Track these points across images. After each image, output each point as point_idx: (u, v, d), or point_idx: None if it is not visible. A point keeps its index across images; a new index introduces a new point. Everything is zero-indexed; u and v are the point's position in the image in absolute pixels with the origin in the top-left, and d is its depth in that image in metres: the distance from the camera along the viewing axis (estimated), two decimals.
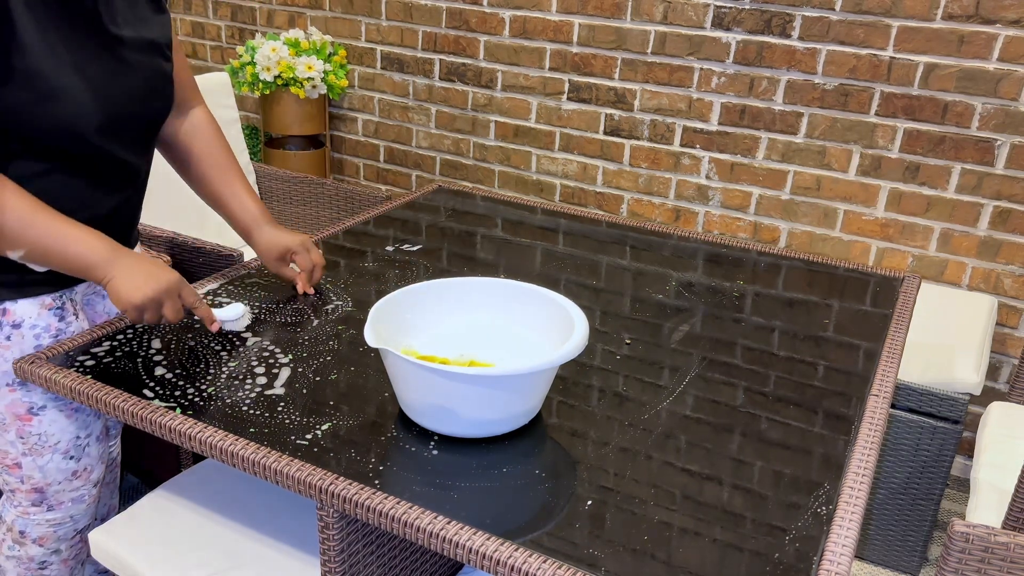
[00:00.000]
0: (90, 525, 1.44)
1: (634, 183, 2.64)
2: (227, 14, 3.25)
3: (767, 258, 1.71)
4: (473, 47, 2.77)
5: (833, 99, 2.30)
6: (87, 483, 1.37)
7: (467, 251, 1.68)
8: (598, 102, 2.62)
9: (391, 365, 1.07)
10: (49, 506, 1.35)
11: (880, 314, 1.49)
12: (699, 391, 1.22)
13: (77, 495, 1.37)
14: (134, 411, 1.10)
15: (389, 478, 1.00)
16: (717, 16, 2.37)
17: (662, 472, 1.04)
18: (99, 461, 1.38)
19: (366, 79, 3.02)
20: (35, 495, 1.33)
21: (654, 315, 1.45)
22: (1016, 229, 2.19)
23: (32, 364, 1.19)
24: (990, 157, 2.16)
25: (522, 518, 0.95)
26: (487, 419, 1.06)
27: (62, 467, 1.32)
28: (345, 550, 1.03)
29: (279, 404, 1.14)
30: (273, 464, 1.01)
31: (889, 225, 2.33)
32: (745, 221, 2.51)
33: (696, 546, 0.93)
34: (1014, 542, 1.14)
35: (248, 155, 2.54)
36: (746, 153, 2.45)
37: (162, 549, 1.25)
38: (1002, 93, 2.10)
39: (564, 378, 1.24)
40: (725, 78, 2.41)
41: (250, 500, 1.36)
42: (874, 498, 1.99)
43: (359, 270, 1.56)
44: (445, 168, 2.97)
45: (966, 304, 2.16)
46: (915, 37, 2.16)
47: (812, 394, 1.23)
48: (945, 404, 1.87)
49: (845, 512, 0.97)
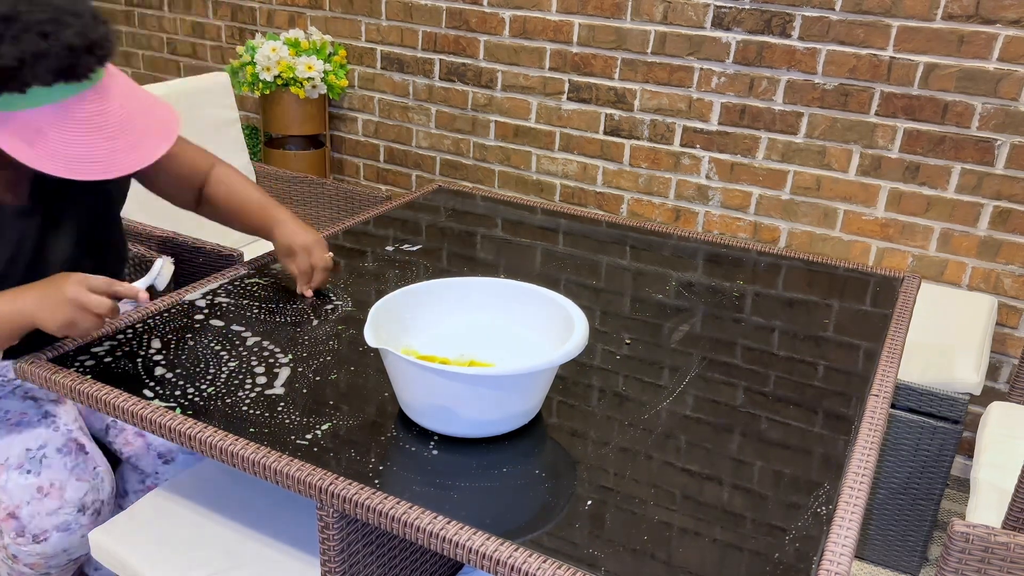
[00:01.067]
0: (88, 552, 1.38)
1: (634, 183, 2.64)
2: (227, 14, 3.25)
3: (767, 258, 1.71)
4: (473, 47, 2.77)
5: (833, 99, 2.30)
6: (64, 505, 1.31)
7: (467, 251, 1.68)
8: (598, 102, 2.62)
9: (391, 365, 1.07)
10: (34, 536, 1.29)
11: (880, 314, 1.49)
12: (699, 391, 1.22)
13: (61, 522, 1.30)
14: (134, 411, 1.10)
15: (389, 478, 1.00)
16: (717, 16, 2.37)
17: (662, 472, 1.04)
18: (72, 478, 1.32)
19: (366, 79, 3.02)
20: (13, 522, 1.29)
21: (654, 315, 1.45)
22: (1016, 229, 2.19)
23: (32, 364, 1.19)
24: (990, 157, 2.16)
25: (522, 518, 0.95)
26: (487, 419, 1.06)
27: (21, 483, 1.29)
28: (345, 550, 1.03)
29: (279, 404, 1.14)
30: (273, 464, 1.01)
31: (889, 225, 2.33)
32: (745, 221, 2.51)
33: (696, 546, 0.93)
34: (1014, 542, 1.14)
35: (248, 155, 2.54)
36: (746, 153, 2.45)
37: (162, 549, 1.25)
38: (1002, 93, 2.10)
39: (564, 378, 1.24)
40: (725, 78, 2.41)
41: (250, 500, 1.36)
42: (874, 498, 1.99)
43: (359, 270, 1.56)
44: (445, 168, 2.97)
45: (966, 304, 2.16)
46: (915, 37, 2.16)
47: (812, 394, 1.23)
48: (945, 404, 1.87)
49: (845, 512, 0.97)
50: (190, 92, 2.33)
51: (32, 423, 1.35)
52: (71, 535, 1.32)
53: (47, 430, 1.34)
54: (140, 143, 1.15)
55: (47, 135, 1.09)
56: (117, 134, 1.13)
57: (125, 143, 1.13)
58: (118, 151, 1.13)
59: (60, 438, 1.34)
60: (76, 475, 1.33)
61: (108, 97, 1.14)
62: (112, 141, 1.12)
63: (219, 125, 2.43)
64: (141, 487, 1.53)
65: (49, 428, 1.34)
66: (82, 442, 1.37)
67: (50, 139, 1.09)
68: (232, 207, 1.51)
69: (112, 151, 1.12)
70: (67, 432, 1.36)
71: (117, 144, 1.13)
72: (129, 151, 1.13)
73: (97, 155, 1.11)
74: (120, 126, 1.14)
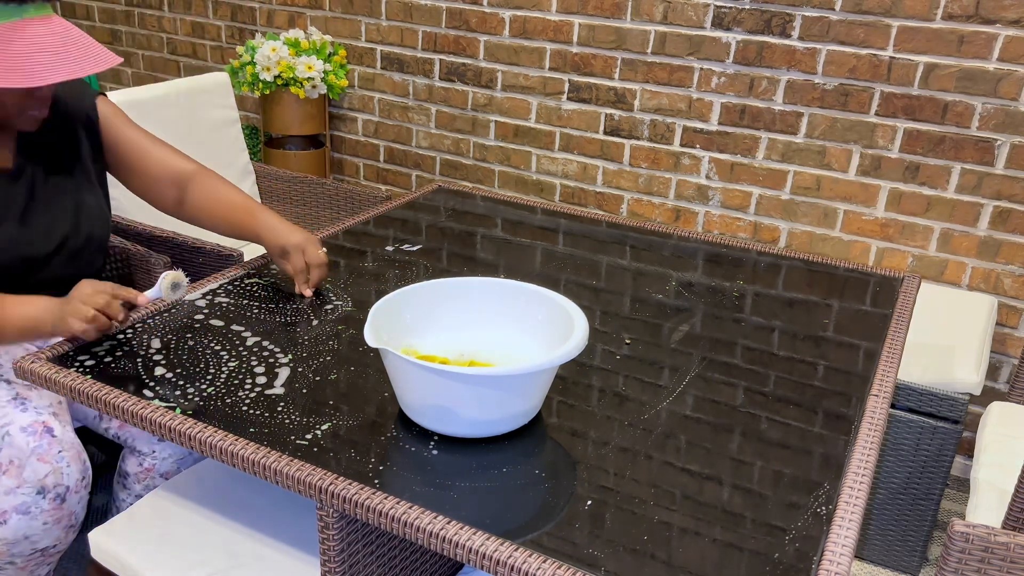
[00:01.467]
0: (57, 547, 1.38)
1: (634, 183, 2.64)
2: (227, 14, 3.25)
3: (767, 258, 1.71)
4: (473, 47, 2.77)
5: (833, 99, 2.30)
6: (22, 484, 1.30)
7: (467, 251, 1.68)
8: (598, 102, 2.62)
9: (391, 365, 1.07)
10: None
11: (880, 314, 1.49)
12: (699, 391, 1.22)
13: (19, 503, 1.30)
14: (134, 411, 1.10)
15: (389, 478, 1.00)
16: (717, 16, 2.37)
17: (662, 472, 1.04)
18: (33, 457, 1.31)
19: (366, 79, 3.02)
20: None
21: (654, 315, 1.45)
22: (1016, 229, 2.19)
23: (32, 364, 1.19)
24: (990, 157, 2.16)
25: (522, 518, 0.95)
26: (487, 419, 1.06)
27: None
28: (345, 550, 1.03)
29: (279, 404, 1.14)
30: (273, 464, 1.01)
31: (889, 225, 2.33)
32: (745, 221, 2.51)
33: (696, 546, 0.93)
34: (1014, 542, 1.14)
35: (248, 155, 2.54)
36: (746, 153, 2.45)
37: (162, 549, 1.25)
38: (1002, 93, 2.10)
39: (564, 378, 1.24)
40: (725, 78, 2.41)
41: (250, 500, 1.36)
42: (874, 498, 1.99)
43: (359, 270, 1.56)
44: (445, 168, 2.97)
45: (966, 304, 2.16)
46: (915, 37, 2.16)
47: (812, 394, 1.23)
48: (945, 404, 1.87)
49: (845, 512, 0.97)
50: (190, 92, 2.33)
51: (1, 403, 1.36)
52: (31, 519, 1.31)
53: (15, 410, 1.34)
54: (80, 61, 1.27)
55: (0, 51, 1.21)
56: (59, 49, 1.25)
57: (65, 58, 1.26)
58: (59, 64, 1.25)
59: (27, 418, 1.33)
60: (37, 455, 1.31)
61: (51, 19, 1.28)
62: (53, 55, 1.25)
63: (219, 125, 2.43)
64: (140, 469, 1.54)
65: (17, 409, 1.34)
66: (51, 425, 1.35)
67: (2, 55, 1.21)
68: (217, 210, 1.54)
69: (53, 64, 1.24)
70: (36, 414, 1.35)
71: (57, 58, 1.25)
72: (70, 64, 1.26)
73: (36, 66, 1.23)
74: (66, 42, 1.27)
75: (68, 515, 1.35)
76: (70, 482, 1.34)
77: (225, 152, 2.45)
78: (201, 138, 2.37)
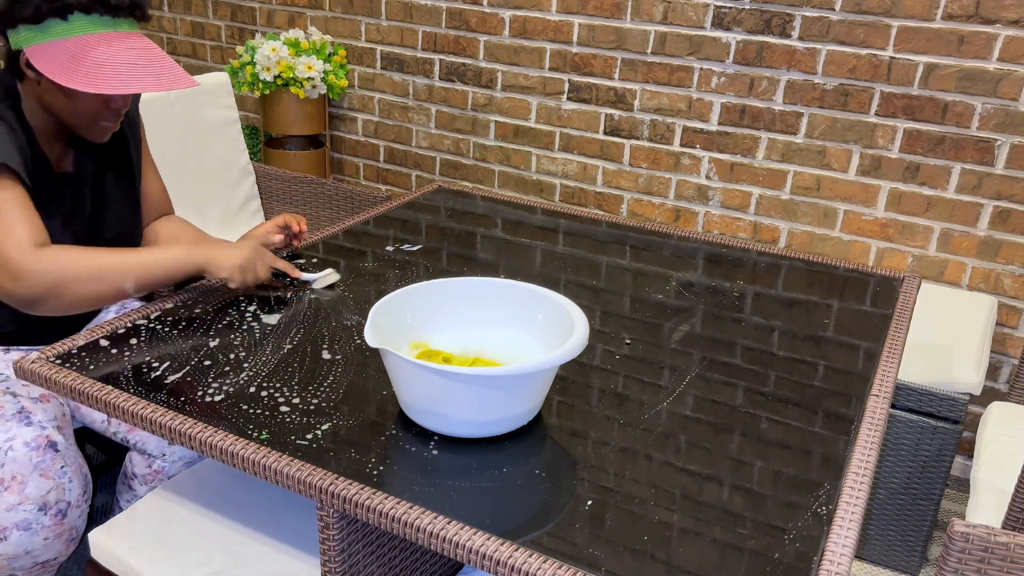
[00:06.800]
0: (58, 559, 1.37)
1: (634, 183, 2.64)
2: (227, 14, 3.25)
3: (767, 258, 1.71)
4: (473, 47, 2.77)
5: (833, 99, 2.30)
6: (24, 501, 1.29)
7: (467, 251, 1.68)
8: (598, 102, 2.62)
9: (391, 365, 1.07)
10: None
11: (880, 314, 1.49)
12: (699, 391, 1.22)
13: (20, 520, 1.29)
14: (134, 411, 1.10)
15: (389, 478, 1.00)
16: (717, 16, 2.37)
17: (662, 472, 1.04)
18: (35, 473, 1.30)
19: (366, 79, 3.02)
20: None
21: (654, 315, 1.45)
22: (1016, 229, 2.19)
23: (32, 364, 1.19)
24: (990, 157, 2.16)
25: (522, 518, 0.95)
26: (487, 419, 1.06)
27: None
28: (345, 550, 1.03)
29: (279, 404, 1.14)
30: (273, 464, 1.01)
31: (889, 225, 2.33)
32: (745, 221, 2.51)
33: (696, 546, 0.93)
34: (1014, 542, 1.14)
35: (248, 155, 2.54)
36: (746, 153, 2.45)
37: (162, 549, 1.25)
38: (1002, 93, 2.10)
39: (564, 378, 1.24)
40: (725, 78, 2.41)
41: (250, 500, 1.36)
42: (874, 498, 1.99)
43: (359, 270, 1.56)
44: (445, 168, 2.97)
45: (966, 304, 2.16)
46: (915, 37, 2.16)
47: (812, 394, 1.23)
48: (945, 404, 1.87)
49: (845, 512, 0.97)
50: (190, 92, 2.33)
51: (5, 417, 1.34)
52: (32, 535, 1.30)
53: (19, 425, 1.33)
54: (159, 76, 1.31)
55: (85, 57, 1.27)
56: (141, 64, 1.30)
57: (145, 72, 1.30)
58: (138, 77, 1.29)
59: (30, 433, 1.32)
60: (40, 471, 1.31)
61: (141, 38, 1.34)
62: (134, 68, 1.29)
63: (219, 125, 2.43)
64: (148, 471, 1.54)
65: (21, 423, 1.33)
66: (55, 440, 1.34)
67: (87, 61, 1.26)
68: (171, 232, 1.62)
69: (133, 76, 1.29)
70: (40, 429, 1.34)
71: (138, 72, 1.29)
72: (149, 79, 1.30)
73: (116, 76, 1.27)
74: (148, 59, 1.31)
75: (69, 529, 1.35)
76: (71, 497, 1.34)
77: (225, 152, 2.45)
78: (201, 138, 2.37)
